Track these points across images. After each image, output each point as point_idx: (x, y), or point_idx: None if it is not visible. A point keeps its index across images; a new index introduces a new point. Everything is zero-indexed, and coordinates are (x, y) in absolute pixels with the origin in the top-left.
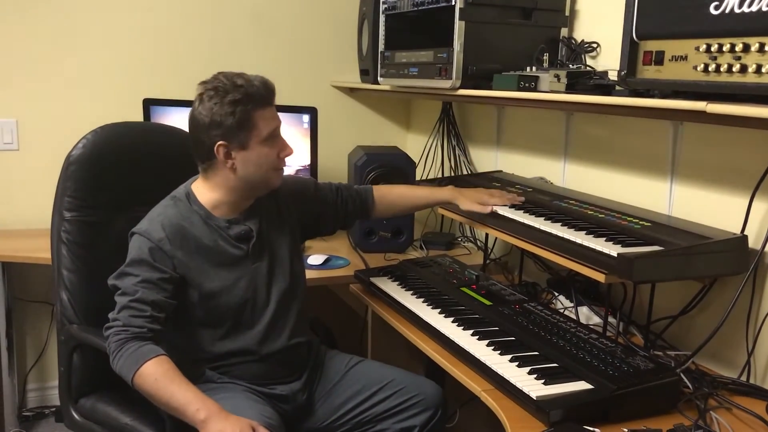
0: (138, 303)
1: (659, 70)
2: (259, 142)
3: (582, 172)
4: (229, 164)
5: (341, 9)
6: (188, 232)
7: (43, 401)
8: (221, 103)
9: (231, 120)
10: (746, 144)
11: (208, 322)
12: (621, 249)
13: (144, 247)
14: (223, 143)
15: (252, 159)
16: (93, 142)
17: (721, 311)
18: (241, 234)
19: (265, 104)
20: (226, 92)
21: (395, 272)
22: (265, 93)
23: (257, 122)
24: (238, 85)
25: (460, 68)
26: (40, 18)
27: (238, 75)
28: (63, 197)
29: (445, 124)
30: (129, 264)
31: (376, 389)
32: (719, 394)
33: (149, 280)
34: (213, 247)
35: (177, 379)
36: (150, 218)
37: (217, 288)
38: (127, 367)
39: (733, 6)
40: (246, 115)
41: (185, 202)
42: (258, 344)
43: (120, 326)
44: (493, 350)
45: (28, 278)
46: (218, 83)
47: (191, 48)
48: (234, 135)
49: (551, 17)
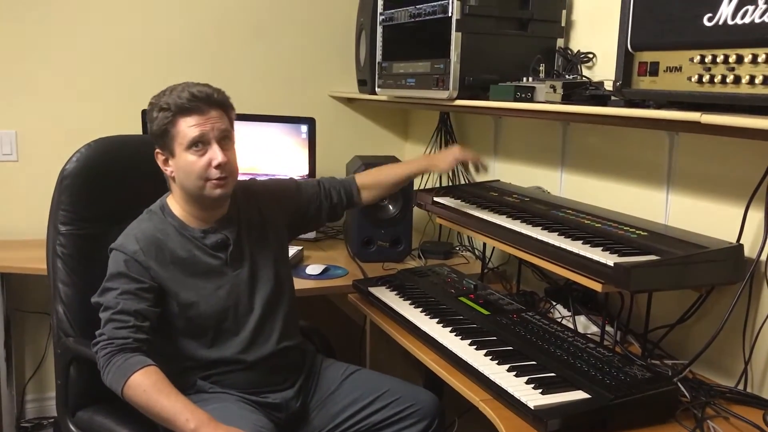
0: (120, 314)
1: (654, 80)
2: (183, 150)
3: (579, 181)
4: (168, 172)
5: (339, 20)
6: (163, 244)
7: (42, 412)
8: (151, 111)
9: (155, 127)
10: (741, 154)
11: (191, 331)
12: (618, 258)
13: (120, 260)
14: (158, 151)
15: (181, 166)
16: (86, 156)
17: (717, 320)
18: (218, 243)
19: (188, 112)
20: (157, 101)
21: (393, 282)
22: (190, 101)
23: (180, 130)
24: (167, 93)
25: (456, 79)
26: (40, 30)
27: (176, 86)
28: (57, 211)
29: (442, 134)
30: (108, 279)
31: (373, 398)
32: (716, 403)
33: (128, 291)
34: (188, 258)
35: (166, 390)
36: (125, 233)
37: (193, 298)
38: (116, 380)
39: (727, 18)
40: (168, 123)
41: (159, 215)
42: (245, 351)
43: (105, 340)
44: (491, 360)
45: (27, 289)
46: (158, 94)
47: (191, 59)
48: (162, 142)
49: (547, 28)
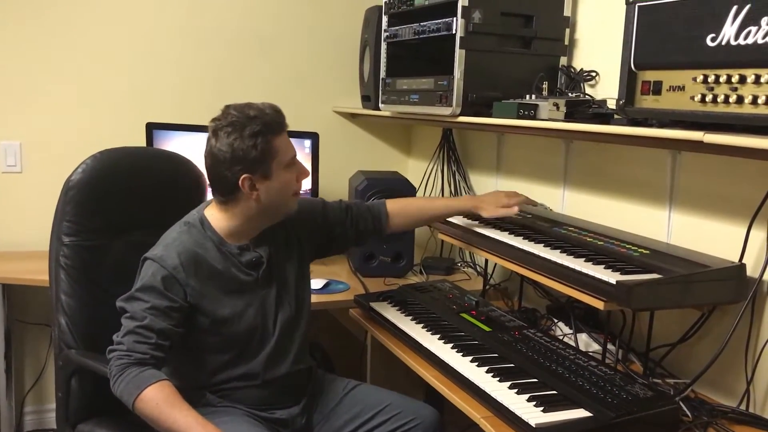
0: (145, 330)
1: (657, 99)
2: (281, 169)
3: (581, 199)
4: (254, 195)
5: (344, 36)
6: (202, 259)
7: (41, 424)
8: (241, 137)
9: (254, 152)
10: (744, 173)
11: (217, 347)
12: (620, 276)
13: (157, 274)
14: (247, 176)
15: (275, 187)
16: (92, 167)
17: (719, 339)
18: (252, 261)
19: (281, 130)
20: (243, 126)
21: (395, 297)
22: (279, 119)
23: (278, 149)
24: (252, 117)
25: (460, 96)
26: (45, 41)
27: (247, 106)
28: (62, 222)
29: (445, 150)
30: (140, 289)
31: (374, 413)
32: (718, 423)
33: (158, 307)
34: (225, 274)
35: (178, 404)
36: (165, 244)
37: (228, 315)
38: (128, 391)
39: (730, 38)
40: (267, 145)
41: (199, 228)
42: (262, 370)
43: (124, 351)
44: (492, 377)
45: (28, 300)
46: (232, 118)
47: (195, 73)
48: (258, 166)
49: (551, 46)
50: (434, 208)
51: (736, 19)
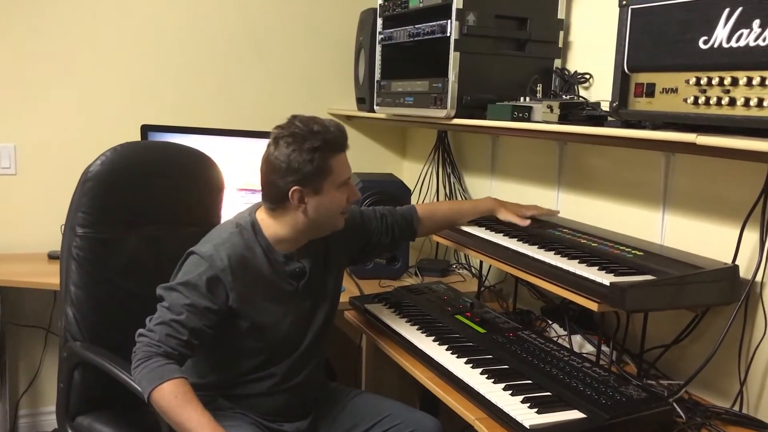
0: (179, 325)
1: (650, 101)
2: (333, 188)
3: (575, 201)
4: (302, 208)
5: (339, 38)
6: (250, 263)
7: (35, 427)
8: (300, 150)
9: (309, 167)
10: (737, 175)
11: (249, 352)
12: (614, 278)
13: (204, 275)
14: (298, 188)
15: (324, 203)
16: (111, 160)
17: (713, 341)
18: (295, 271)
19: (340, 150)
20: (304, 139)
21: (390, 299)
22: (341, 139)
23: (334, 168)
24: (315, 132)
25: (454, 98)
26: (39, 43)
27: (312, 120)
28: (77, 213)
29: (440, 152)
30: (183, 283)
31: (373, 423)
32: (712, 424)
33: (197, 305)
34: (270, 281)
35: (194, 402)
36: (214, 243)
37: (268, 322)
38: (148, 379)
39: (722, 41)
40: (324, 162)
41: (250, 232)
42: (282, 377)
43: (155, 340)
44: (487, 378)
45: (22, 302)
46: (295, 129)
47: (190, 75)
48: (310, 181)
49: (545, 48)
50: (463, 210)
51: (729, 22)
